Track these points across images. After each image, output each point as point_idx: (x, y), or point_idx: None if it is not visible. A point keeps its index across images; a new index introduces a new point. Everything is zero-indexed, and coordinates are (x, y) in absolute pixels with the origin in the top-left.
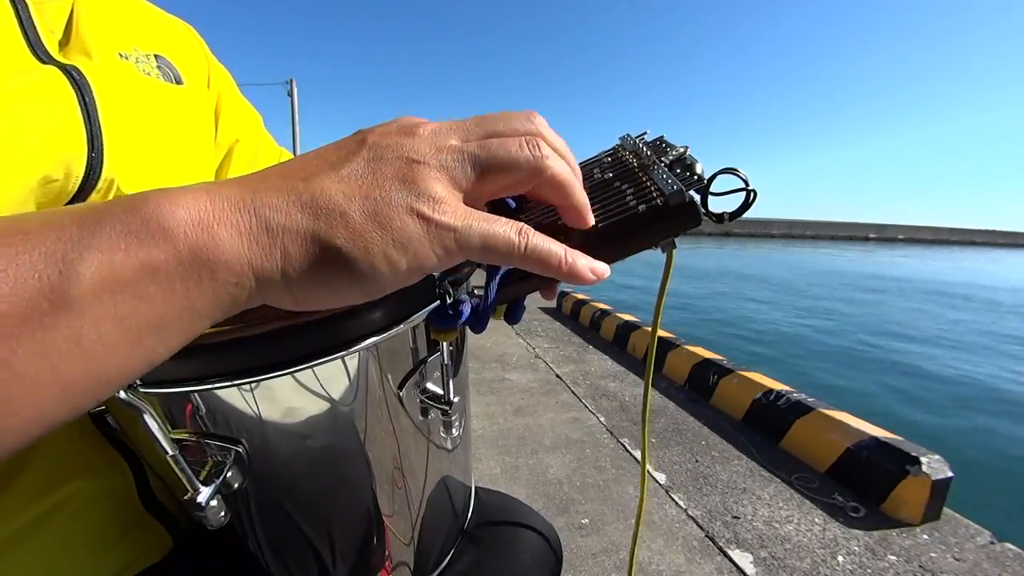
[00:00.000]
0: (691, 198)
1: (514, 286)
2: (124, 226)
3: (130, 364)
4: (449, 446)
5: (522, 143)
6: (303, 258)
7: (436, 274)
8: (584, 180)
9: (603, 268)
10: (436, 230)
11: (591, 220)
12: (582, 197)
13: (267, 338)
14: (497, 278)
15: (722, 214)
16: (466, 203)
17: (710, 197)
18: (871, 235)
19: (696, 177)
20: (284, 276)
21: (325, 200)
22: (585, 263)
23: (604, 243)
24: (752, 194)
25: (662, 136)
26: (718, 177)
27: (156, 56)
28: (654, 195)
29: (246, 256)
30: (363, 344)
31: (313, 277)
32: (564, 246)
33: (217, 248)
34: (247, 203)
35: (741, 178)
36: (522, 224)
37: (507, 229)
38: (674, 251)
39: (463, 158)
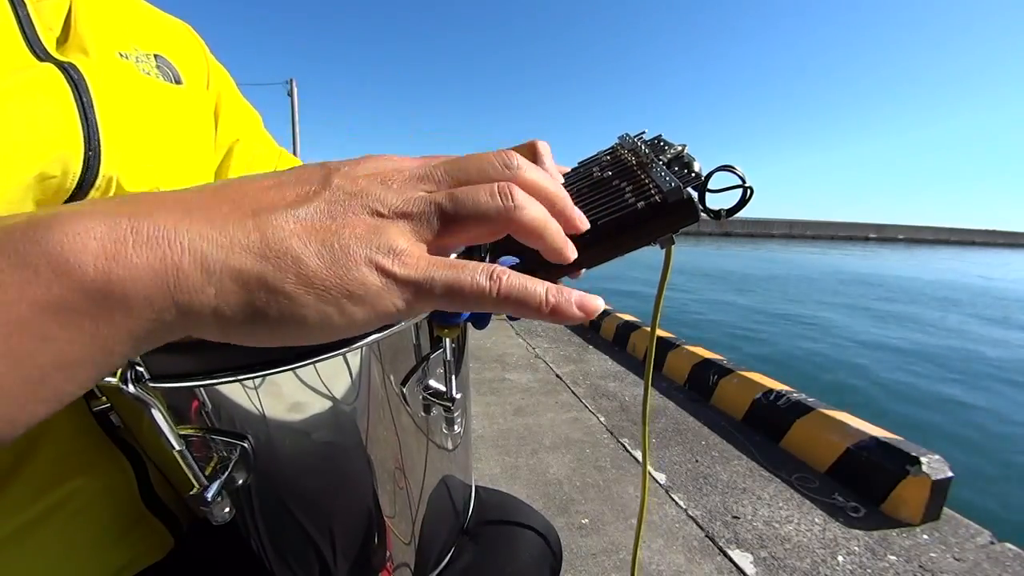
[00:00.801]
0: (689, 195)
1: None
2: (19, 258)
3: (34, 404)
4: (450, 444)
5: (493, 192)
6: (242, 301)
7: None
8: (583, 179)
9: (595, 303)
10: (395, 283)
11: (571, 257)
12: (558, 240)
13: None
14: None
15: (719, 211)
16: (433, 252)
17: (708, 194)
18: (871, 235)
19: (694, 175)
20: (217, 315)
21: (276, 241)
22: (571, 299)
23: (604, 240)
24: (749, 191)
25: (660, 135)
26: (715, 174)
27: (156, 56)
28: (652, 192)
29: (170, 292)
30: (367, 340)
31: (253, 320)
32: (548, 284)
33: (134, 282)
34: (180, 233)
35: (738, 175)
36: (494, 266)
37: (476, 275)
38: (672, 247)
39: (430, 209)
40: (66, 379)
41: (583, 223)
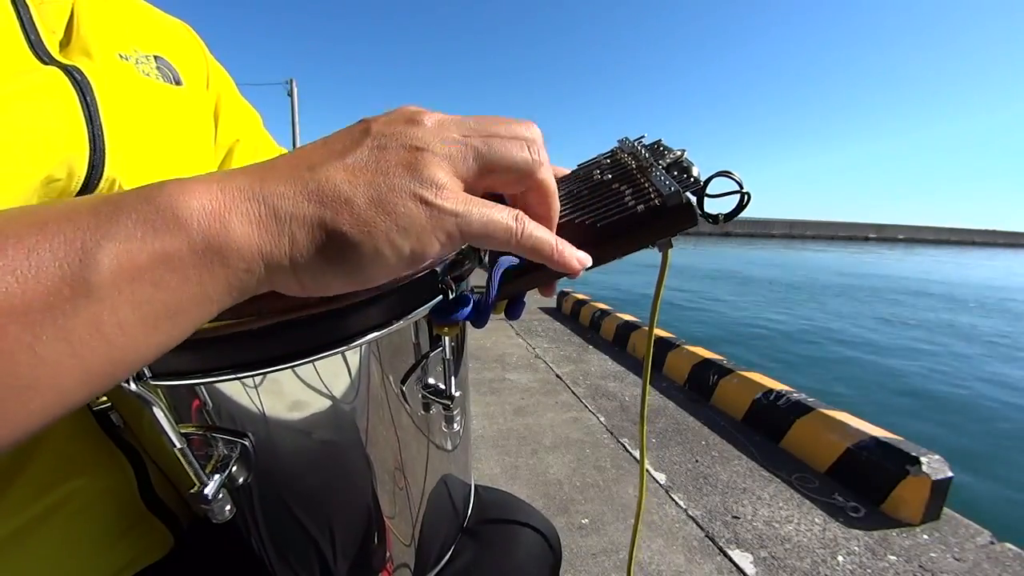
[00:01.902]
0: (688, 199)
1: (515, 282)
2: (139, 215)
3: (146, 348)
4: (450, 443)
5: (523, 145)
6: (310, 244)
7: (438, 269)
8: (583, 181)
9: (586, 258)
10: (439, 215)
11: (554, 226)
12: (556, 209)
13: (271, 332)
14: (498, 273)
15: (717, 215)
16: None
17: (706, 199)
18: (871, 235)
19: (692, 179)
20: (292, 262)
21: (331, 188)
22: (571, 252)
23: (603, 241)
24: (746, 196)
25: (660, 140)
26: (714, 180)
27: (156, 57)
28: (652, 196)
29: (256, 243)
30: (366, 338)
31: (320, 263)
32: (555, 235)
33: (228, 236)
34: (256, 192)
35: (736, 181)
36: (518, 211)
37: (505, 216)
38: (670, 250)
39: (466, 150)
40: (172, 325)
41: (555, 225)
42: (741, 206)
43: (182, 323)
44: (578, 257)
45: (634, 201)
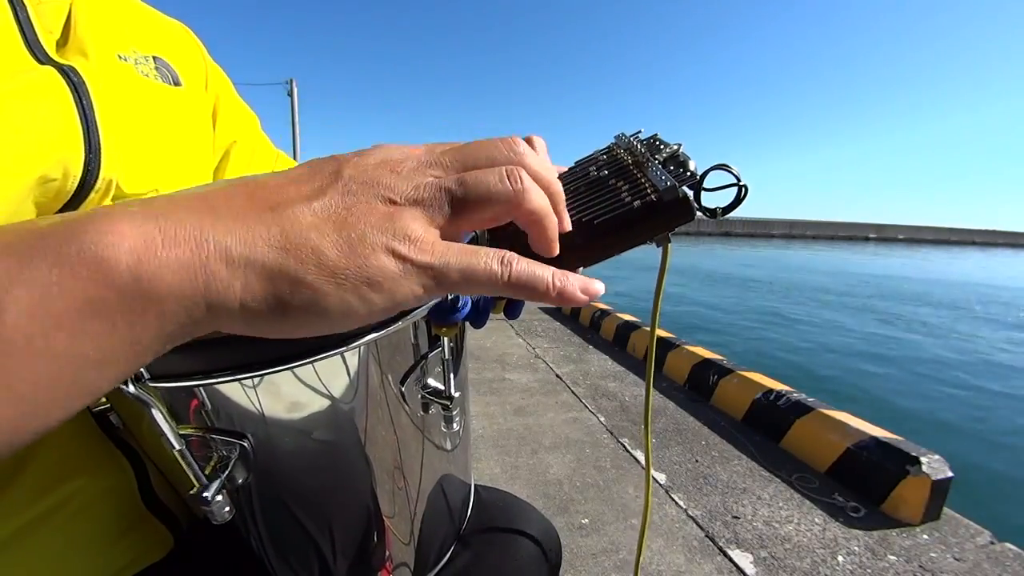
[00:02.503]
0: (684, 193)
1: None
2: (57, 257)
3: (67, 401)
4: (449, 443)
5: (502, 175)
6: (267, 293)
7: None
8: (580, 178)
9: (597, 287)
10: (412, 269)
11: (556, 252)
12: (552, 232)
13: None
14: None
15: (715, 209)
16: (445, 238)
17: (703, 193)
18: (871, 235)
19: (689, 173)
20: (243, 309)
21: (295, 234)
22: (575, 283)
23: (600, 238)
24: (744, 189)
25: (656, 134)
26: (711, 173)
27: (155, 58)
28: (648, 191)
29: (200, 289)
30: (365, 339)
31: (277, 312)
32: (552, 269)
33: (164, 281)
34: (205, 230)
35: (733, 174)
36: (504, 252)
37: (488, 260)
38: (669, 246)
39: (440, 195)
40: (99, 375)
41: (567, 224)
42: (739, 199)
43: (108, 373)
44: (584, 288)
45: (630, 197)
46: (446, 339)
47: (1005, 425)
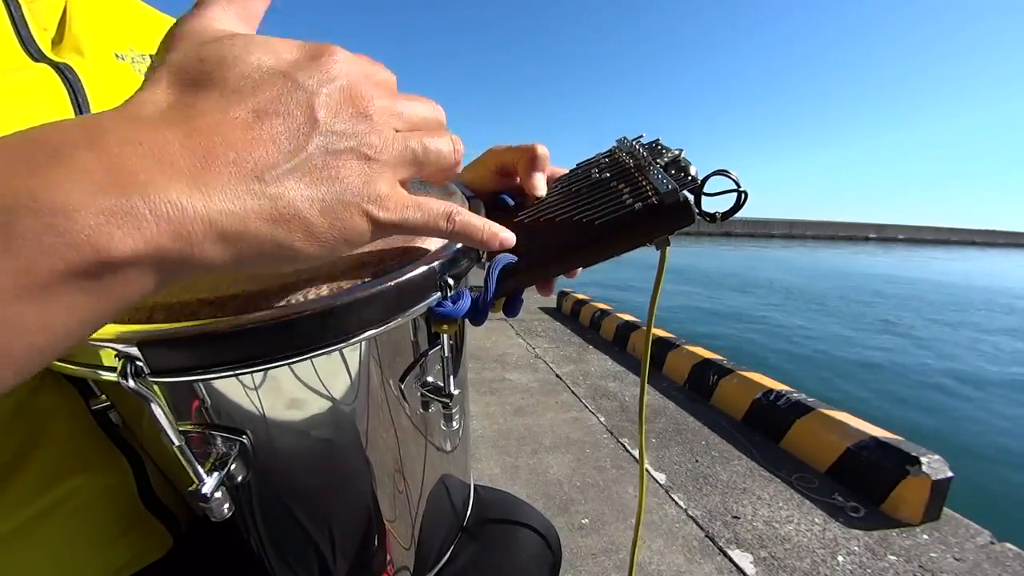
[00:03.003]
0: (685, 198)
1: (512, 280)
2: (55, 241)
3: (43, 351)
4: (449, 442)
5: (450, 146)
6: (256, 255)
7: (436, 267)
8: (582, 180)
9: (509, 236)
10: (381, 226)
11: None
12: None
13: (269, 328)
14: (496, 271)
15: (715, 213)
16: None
17: (703, 197)
18: (871, 235)
19: (690, 178)
20: (230, 266)
21: (286, 207)
22: (495, 230)
23: (602, 239)
24: (743, 195)
25: (658, 139)
26: (711, 178)
27: (152, 56)
28: (650, 194)
29: (187, 259)
30: (365, 335)
31: (261, 265)
32: (486, 222)
33: (151, 255)
34: (194, 207)
35: (733, 180)
36: (451, 208)
37: (438, 217)
38: (668, 248)
39: (406, 154)
40: (53, 341)
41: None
42: (738, 205)
43: (66, 339)
44: (501, 237)
45: (632, 199)
46: (446, 336)
47: (1005, 425)
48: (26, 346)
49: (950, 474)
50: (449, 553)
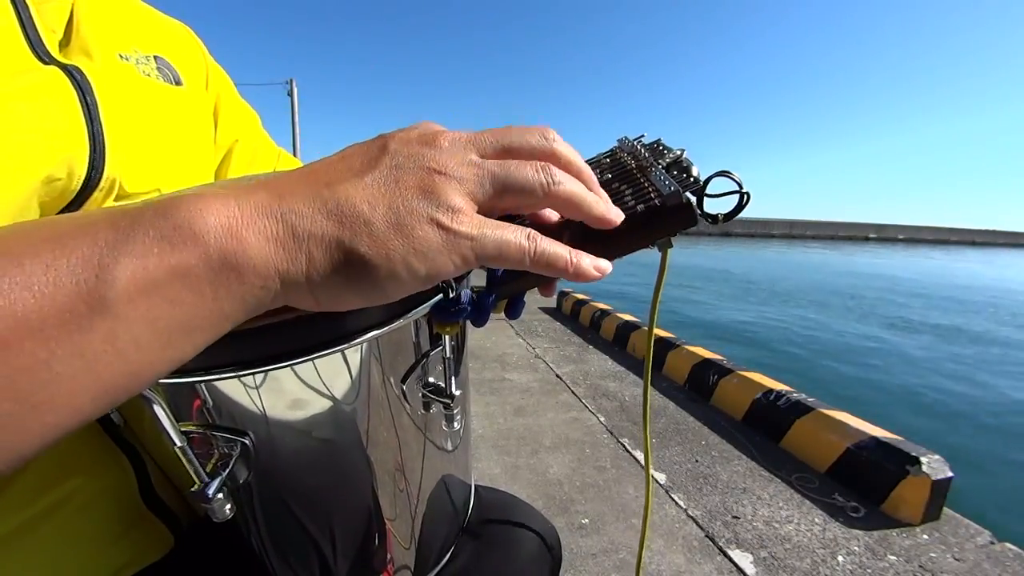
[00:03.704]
0: (687, 199)
1: (515, 282)
2: (156, 231)
3: (160, 363)
4: (450, 443)
5: (538, 169)
6: (327, 263)
7: None
8: None
9: (606, 265)
10: (454, 239)
11: (617, 220)
12: (598, 207)
13: (272, 330)
14: (498, 273)
15: (717, 215)
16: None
17: (705, 199)
18: (871, 235)
19: (692, 179)
20: (308, 280)
21: (350, 208)
22: (589, 262)
23: (603, 241)
24: (745, 196)
25: (659, 139)
26: (713, 179)
27: (156, 57)
28: (651, 196)
29: (272, 261)
30: (366, 336)
31: (336, 281)
32: (569, 248)
33: (245, 253)
34: (274, 209)
35: (735, 181)
36: (530, 230)
37: (518, 236)
38: (669, 250)
39: (482, 174)
40: (186, 341)
41: (606, 200)
42: (741, 206)
43: (196, 339)
44: (596, 266)
45: (633, 201)
46: (447, 337)
47: (1006, 424)
48: (136, 337)
49: (950, 474)
50: (450, 553)
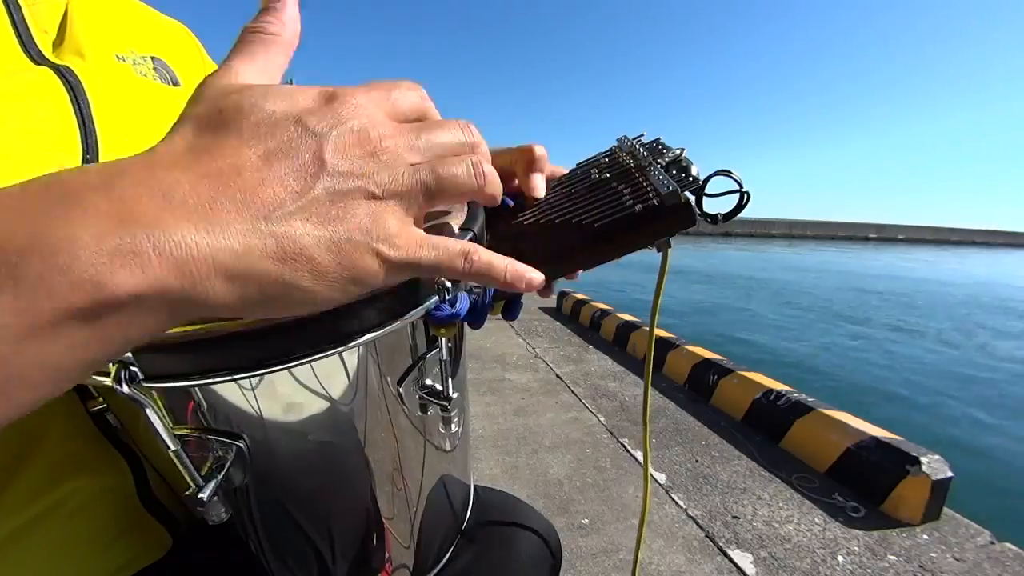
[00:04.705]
0: (687, 199)
1: None
2: (15, 279)
3: (48, 389)
4: (448, 444)
5: (470, 170)
6: (261, 296)
7: None
8: (581, 181)
9: (537, 277)
10: (392, 266)
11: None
12: (495, 192)
13: (266, 333)
14: None
15: (716, 215)
16: (417, 221)
17: (705, 198)
18: (871, 235)
19: (692, 179)
20: (235, 308)
21: (292, 245)
22: (520, 272)
23: (602, 242)
24: (745, 196)
25: (659, 138)
26: (713, 179)
27: (153, 58)
28: (650, 196)
29: (192, 297)
30: (362, 339)
31: (269, 307)
32: (507, 260)
33: (156, 293)
34: (200, 246)
35: (735, 180)
36: (468, 247)
37: (453, 257)
38: (669, 250)
39: (416, 188)
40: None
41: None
42: (740, 205)
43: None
44: (528, 278)
45: (632, 201)
46: (444, 340)
47: (1006, 424)
48: (27, 385)
49: (950, 474)
50: (449, 554)
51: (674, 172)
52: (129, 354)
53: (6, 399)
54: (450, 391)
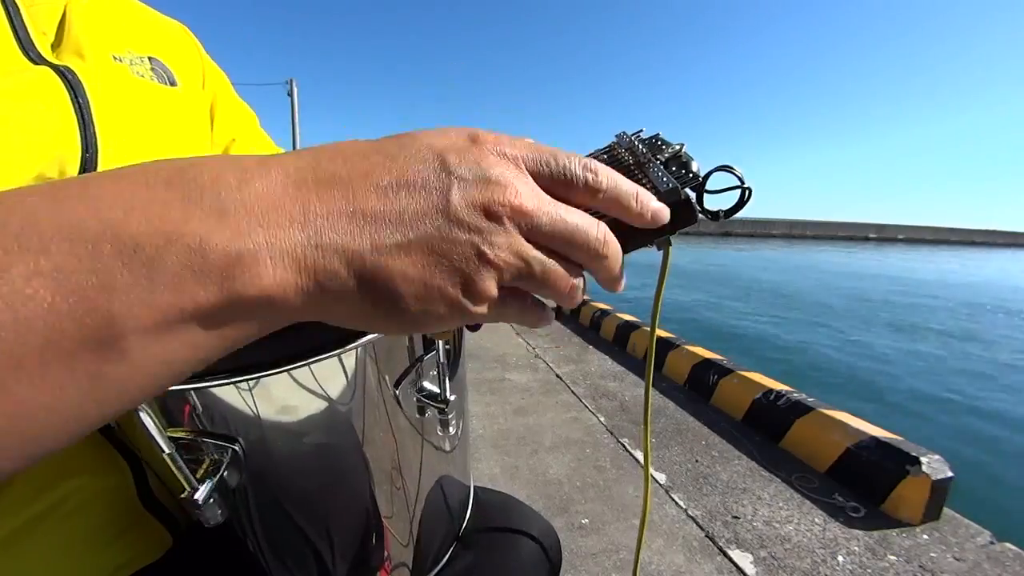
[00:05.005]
0: (687, 196)
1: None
2: (185, 269)
3: (159, 386)
4: (447, 445)
5: (568, 282)
6: (337, 307)
7: None
8: None
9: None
10: (459, 316)
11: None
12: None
13: (264, 336)
14: None
15: (717, 212)
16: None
17: (705, 195)
18: (871, 235)
19: (692, 175)
20: (314, 311)
21: (384, 279)
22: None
23: None
24: (747, 191)
25: (658, 134)
26: (713, 175)
27: (150, 58)
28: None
29: (297, 306)
30: (360, 342)
31: (341, 320)
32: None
33: (270, 301)
34: (309, 261)
35: (736, 176)
36: (541, 311)
37: (528, 316)
38: (670, 248)
39: (521, 266)
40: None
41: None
42: (742, 202)
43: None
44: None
45: None
46: (441, 342)
47: (1006, 424)
48: (142, 379)
49: (950, 474)
50: (448, 555)
51: (674, 168)
52: None
53: (117, 393)
54: (447, 394)
